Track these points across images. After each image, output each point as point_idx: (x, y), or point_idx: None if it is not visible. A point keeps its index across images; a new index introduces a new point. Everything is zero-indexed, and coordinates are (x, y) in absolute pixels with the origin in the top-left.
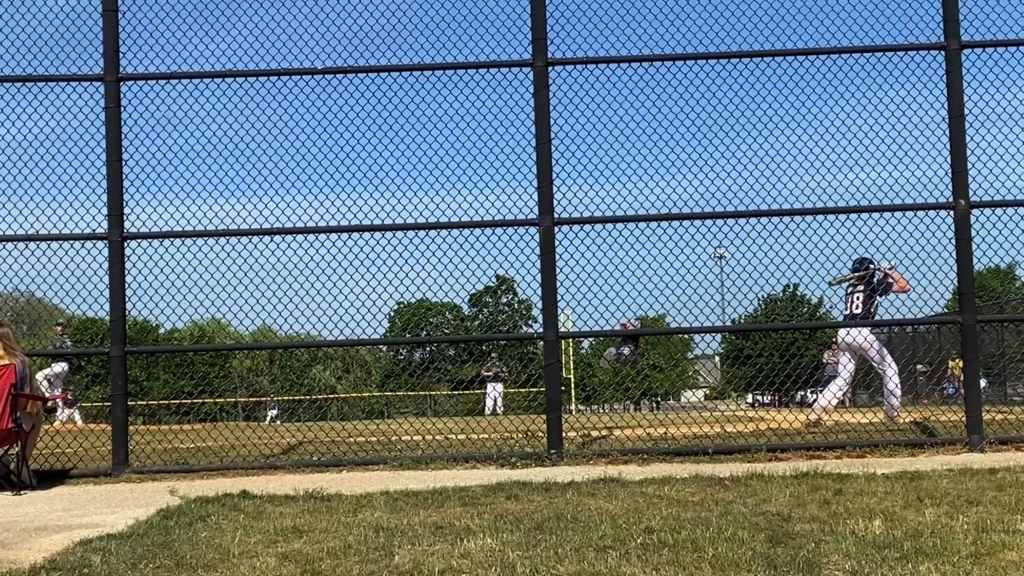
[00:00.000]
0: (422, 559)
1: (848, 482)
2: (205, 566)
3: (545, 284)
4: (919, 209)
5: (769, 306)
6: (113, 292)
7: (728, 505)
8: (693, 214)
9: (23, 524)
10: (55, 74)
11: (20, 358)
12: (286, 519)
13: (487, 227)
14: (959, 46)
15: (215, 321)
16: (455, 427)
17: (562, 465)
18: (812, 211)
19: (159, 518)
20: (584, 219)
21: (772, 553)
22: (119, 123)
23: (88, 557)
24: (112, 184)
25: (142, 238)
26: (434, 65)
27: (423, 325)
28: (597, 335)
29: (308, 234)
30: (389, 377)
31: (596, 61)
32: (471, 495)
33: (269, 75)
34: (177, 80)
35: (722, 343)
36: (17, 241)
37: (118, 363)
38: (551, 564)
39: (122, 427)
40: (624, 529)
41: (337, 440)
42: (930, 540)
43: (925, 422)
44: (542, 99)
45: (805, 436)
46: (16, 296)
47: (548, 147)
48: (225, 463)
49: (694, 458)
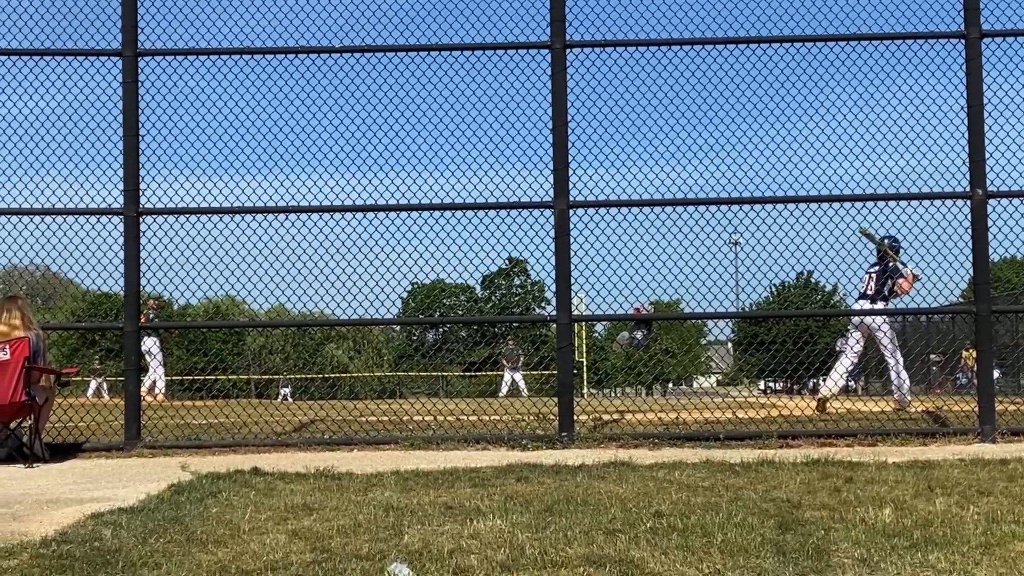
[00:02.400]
0: (431, 539)
1: (859, 470)
2: (216, 542)
3: (559, 267)
4: (936, 198)
5: (783, 293)
6: (128, 267)
7: (738, 491)
8: (709, 199)
9: (35, 496)
10: (73, 48)
11: (35, 331)
12: (297, 496)
13: (502, 209)
14: (979, 35)
15: (229, 298)
16: (467, 408)
17: (573, 448)
18: (828, 198)
19: (170, 493)
20: (599, 202)
21: (781, 539)
22: (136, 98)
23: (99, 530)
24: (128, 159)
25: (157, 214)
26: (452, 46)
27: (436, 306)
28: (610, 319)
29: (323, 213)
30: (402, 358)
31: (615, 44)
32: (481, 476)
33: (286, 53)
34: (195, 56)
35: (735, 330)
36: (33, 215)
37: (132, 338)
38: (560, 546)
39: (135, 402)
40: (634, 513)
41: (348, 419)
42: (940, 529)
43: (937, 412)
44: (559, 81)
45: (816, 423)
46: (32, 270)
47: (564, 130)
48: (237, 440)
49: (705, 443)
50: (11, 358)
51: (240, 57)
